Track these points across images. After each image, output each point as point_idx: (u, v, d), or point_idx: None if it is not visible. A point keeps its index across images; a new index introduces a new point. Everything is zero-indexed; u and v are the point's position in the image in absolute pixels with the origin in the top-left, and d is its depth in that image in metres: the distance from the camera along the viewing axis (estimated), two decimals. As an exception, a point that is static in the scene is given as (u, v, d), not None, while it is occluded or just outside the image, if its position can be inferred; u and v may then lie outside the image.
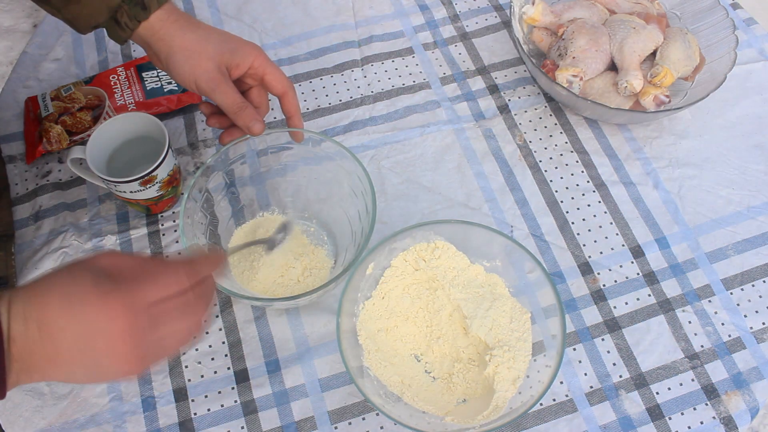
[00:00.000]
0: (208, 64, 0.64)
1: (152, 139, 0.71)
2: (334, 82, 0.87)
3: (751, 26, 0.92)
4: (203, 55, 0.64)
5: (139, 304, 0.43)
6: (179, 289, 0.46)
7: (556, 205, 0.78)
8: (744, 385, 0.68)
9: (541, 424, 0.66)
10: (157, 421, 0.66)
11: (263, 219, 0.75)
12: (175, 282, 0.46)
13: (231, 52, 0.65)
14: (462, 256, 0.69)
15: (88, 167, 0.68)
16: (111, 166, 0.72)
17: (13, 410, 0.66)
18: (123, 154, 0.74)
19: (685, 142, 0.83)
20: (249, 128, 0.66)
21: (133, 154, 0.74)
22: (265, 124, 0.66)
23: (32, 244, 0.75)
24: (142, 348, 0.44)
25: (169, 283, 0.45)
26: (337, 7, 0.94)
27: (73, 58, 0.90)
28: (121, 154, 0.73)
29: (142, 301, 0.44)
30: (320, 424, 0.66)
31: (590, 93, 0.81)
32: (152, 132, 0.71)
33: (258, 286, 0.70)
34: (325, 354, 0.69)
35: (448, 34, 0.91)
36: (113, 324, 0.42)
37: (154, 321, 0.44)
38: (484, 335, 0.65)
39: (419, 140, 0.83)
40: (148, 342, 0.44)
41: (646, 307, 0.72)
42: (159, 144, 0.70)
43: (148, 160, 0.69)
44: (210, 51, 0.64)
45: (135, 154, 0.74)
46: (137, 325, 0.43)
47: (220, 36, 0.66)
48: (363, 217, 0.68)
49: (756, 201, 0.78)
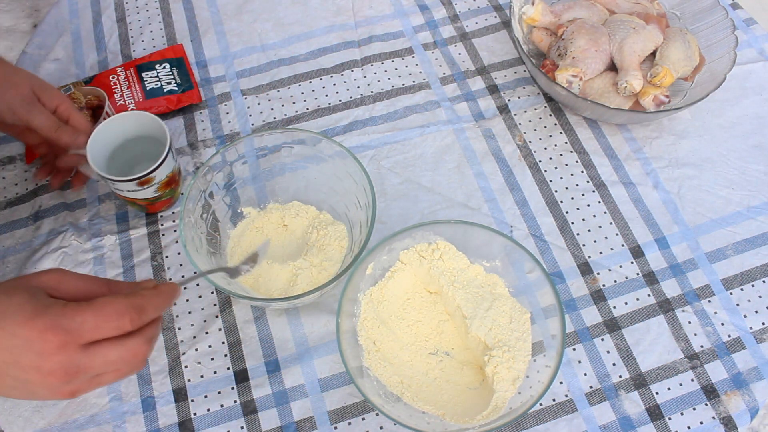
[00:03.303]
0: (21, 90, 0.67)
1: (155, 140, 0.72)
2: (334, 82, 0.87)
3: (751, 26, 0.92)
4: (15, 84, 0.67)
5: (71, 328, 0.42)
6: (117, 332, 0.44)
7: (555, 205, 0.78)
8: (744, 385, 0.68)
9: (541, 424, 0.66)
10: (156, 421, 0.66)
11: (263, 218, 0.75)
12: (115, 326, 0.44)
13: (40, 87, 0.69)
14: (462, 257, 0.69)
15: (88, 163, 0.68)
16: (112, 164, 0.72)
17: (12, 410, 0.66)
18: (126, 152, 0.73)
19: (685, 142, 0.83)
20: (73, 142, 0.68)
21: (136, 153, 0.74)
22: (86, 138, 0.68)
23: (31, 244, 0.75)
24: (71, 373, 0.43)
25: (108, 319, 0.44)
26: (336, 7, 0.94)
27: (73, 58, 0.90)
28: (124, 152, 0.73)
29: (75, 328, 0.43)
30: (320, 424, 0.66)
31: (590, 93, 0.81)
32: (155, 132, 0.71)
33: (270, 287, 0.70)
34: (324, 354, 0.69)
35: (447, 34, 0.91)
36: (42, 343, 0.42)
37: (87, 353, 0.43)
38: (483, 335, 0.65)
39: (419, 140, 0.83)
40: (78, 368, 0.43)
41: (645, 308, 0.72)
42: (161, 145, 0.70)
43: (150, 159, 0.69)
44: (21, 81, 0.68)
45: (138, 152, 0.73)
46: (67, 349, 0.42)
47: (27, 73, 0.70)
48: (362, 217, 0.68)
49: (756, 201, 0.78)
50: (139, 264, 0.74)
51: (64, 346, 0.42)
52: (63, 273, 0.46)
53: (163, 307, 0.48)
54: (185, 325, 0.71)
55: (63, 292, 0.45)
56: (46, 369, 0.42)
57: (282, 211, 0.75)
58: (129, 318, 0.44)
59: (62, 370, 0.43)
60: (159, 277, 0.73)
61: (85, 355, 0.43)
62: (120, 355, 0.44)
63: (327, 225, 0.73)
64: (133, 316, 0.44)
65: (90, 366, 0.43)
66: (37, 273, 0.46)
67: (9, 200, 0.79)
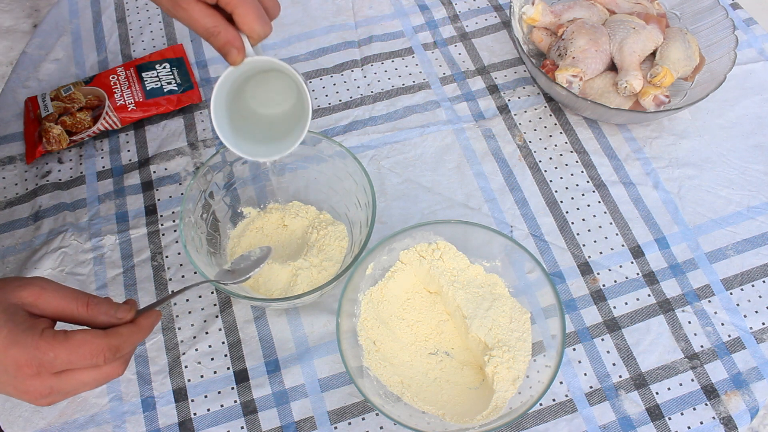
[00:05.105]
0: None
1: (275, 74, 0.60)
2: (333, 82, 0.87)
3: (751, 26, 0.92)
4: None
5: (44, 361, 0.44)
6: (91, 366, 0.46)
7: (555, 205, 0.78)
8: (744, 385, 0.68)
9: (541, 424, 0.66)
10: (156, 421, 0.66)
11: (263, 218, 0.75)
12: (89, 363, 0.45)
13: None
14: (462, 257, 0.69)
15: None
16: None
17: (12, 410, 0.66)
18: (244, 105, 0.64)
19: (685, 142, 0.83)
20: (224, 54, 0.55)
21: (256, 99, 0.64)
22: (244, 50, 0.55)
23: (32, 244, 0.75)
24: (44, 394, 0.45)
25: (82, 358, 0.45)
26: (336, 7, 0.94)
27: (73, 58, 0.90)
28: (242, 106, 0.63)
29: (49, 362, 0.44)
30: (320, 424, 0.66)
31: (590, 93, 0.81)
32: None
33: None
34: (324, 354, 0.69)
35: (447, 34, 0.91)
36: (15, 370, 0.44)
37: (61, 378, 0.45)
38: (483, 335, 0.65)
39: (419, 140, 0.83)
40: (52, 390, 0.45)
41: (645, 308, 0.72)
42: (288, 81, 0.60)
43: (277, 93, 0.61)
44: None
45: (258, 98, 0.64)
46: (41, 375, 0.44)
47: None
48: (362, 217, 0.68)
49: (756, 201, 0.78)
50: (139, 264, 0.74)
51: (37, 374, 0.44)
52: (43, 288, 0.46)
53: (141, 339, 0.49)
54: (185, 325, 0.71)
55: (41, 309, 0.46)
56: (21, 389, 0.45)
57: (282, 211, 0.75)
58: (103, 357, 0.45)
59: (37, 392, 0.45)
60: (159, 277, 0.73)
61: (59, 380, 0.45)
62: (94, 377, 0.46)
63: (327, 225, 0.73)
64: (108, 355, 0.46)
65: (64, 388, 0.45)
66: (19, 286, 0.46)
67: (9, 200, 0.79)
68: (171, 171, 0.80)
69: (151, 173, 0.80)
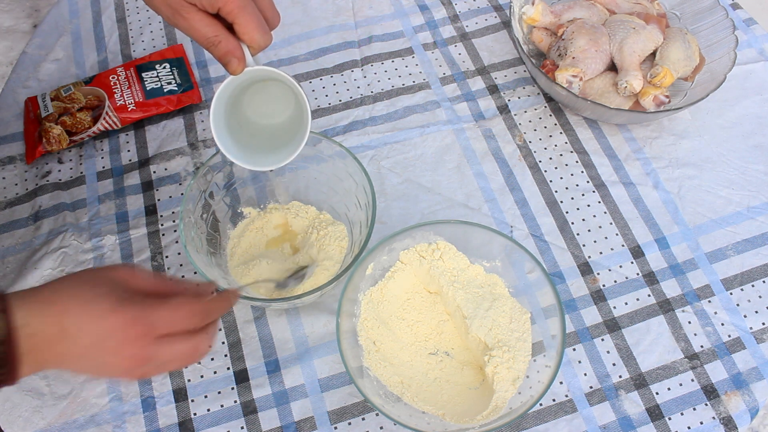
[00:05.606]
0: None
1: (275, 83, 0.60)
2: (333, 82, 0.87)
3: (751, 26, 0.92)
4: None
5: (150, 322, 0.46)
6: (188, 328, 0.48)
7: (555, 205, 0.78)
8: (744, 385, 0.68)
9: (541, 425, 0.66)
10: (156, 421, 0.66)
11: (263, 218, 0.75)
12: (187, 324, 0.48)
13: None
14: (462, 257, 0.69)
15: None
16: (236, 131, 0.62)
17: (12, 410, 0.66)
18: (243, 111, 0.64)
19: (685, 142, 0.83)
20: (224, 64, 0.55)
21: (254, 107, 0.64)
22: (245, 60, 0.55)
23: (31, 244, 0.75)
24: (144, 360, 0.47)
25: (181, 319, 0.48)
26: (336, 7, 0.94)
27: (73, 58, 0.90)
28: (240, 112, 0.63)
29: (153, 322, 0.46)
30: (320, 424, 0.66)
31: (590, 93, 0.81)
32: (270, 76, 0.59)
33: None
34: (324, 354, 0.69)
35: (447, 35, 0.91)
36: (124, 332, 0.45)
37: (160, 345, 0.47)
38: (483, 335, 0.65)
39: (419, 140, 0.83)
40: (150, 357, 0.47)
41: (645, 308, 0.72)
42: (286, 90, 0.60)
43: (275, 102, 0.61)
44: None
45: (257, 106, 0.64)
46: (144, 339, 0.46)
47: None
48: (362, 218, 0.68)
49: (756, 201, 0.78)
50: (139, 264, 0.74)
51: (142, 336, 0.46)
52: (132, 269, 0.49)
53: (224, 311, 0.53)
54: (185, 325, 0.71)
55: (137, 284, 0.48)
56: (124, 354, 0.46)
57: (282, 211, 0.75)
58: (199, 319, 0.49)
59: (137, 357, 0.46)
60: (159, 277, 0.73)
61: (158, 347, 0.47)
62: (186, 348, 0.48)
63: (327, 225, 0.73)
64: (203, 317, 0.49)
65: (160, 356, 0.47)
66: (111, 267, 0.49)
67: (9, 200, 0.79)
68: (171, 171, 0.80)
69: (151, 173, 0.80)
